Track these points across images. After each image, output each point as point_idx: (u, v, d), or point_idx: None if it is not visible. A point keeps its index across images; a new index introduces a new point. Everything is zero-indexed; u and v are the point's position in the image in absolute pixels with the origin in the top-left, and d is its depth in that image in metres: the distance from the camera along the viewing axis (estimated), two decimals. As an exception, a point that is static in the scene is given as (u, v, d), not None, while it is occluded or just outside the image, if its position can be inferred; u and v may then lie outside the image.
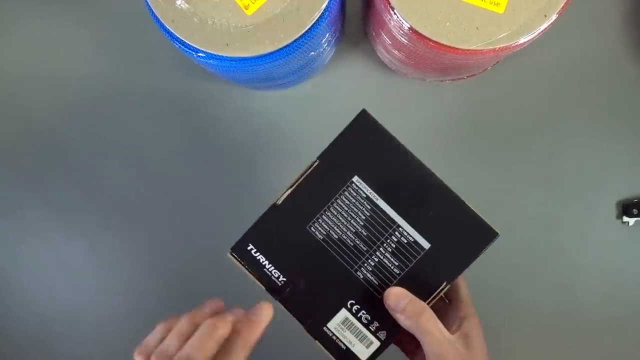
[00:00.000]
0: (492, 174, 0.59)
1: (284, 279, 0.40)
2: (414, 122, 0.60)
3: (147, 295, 0.60)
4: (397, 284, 0.40)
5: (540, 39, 0.45)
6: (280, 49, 0.44)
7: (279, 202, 0.40)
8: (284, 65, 0.48)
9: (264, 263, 0.40)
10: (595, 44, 0.59)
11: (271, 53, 0.44)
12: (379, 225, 0.40)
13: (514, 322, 0.59)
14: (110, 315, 0.60)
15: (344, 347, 0.40)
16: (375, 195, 0.40)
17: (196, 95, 0.60)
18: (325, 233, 0.40)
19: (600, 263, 0.59)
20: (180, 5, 0.44)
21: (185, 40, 0.44)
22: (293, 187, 0.40)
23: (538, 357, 0.59)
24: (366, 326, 0.40)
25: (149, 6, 0.44)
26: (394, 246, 0.40)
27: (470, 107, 0.60)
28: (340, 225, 0.40)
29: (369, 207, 0.40)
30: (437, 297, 0.40)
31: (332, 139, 0.41)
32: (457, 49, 0.44)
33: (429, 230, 0.40)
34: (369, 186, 0.40)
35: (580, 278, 0.59)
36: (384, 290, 0.40)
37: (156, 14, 0.44)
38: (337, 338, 0.40)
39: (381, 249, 0.40)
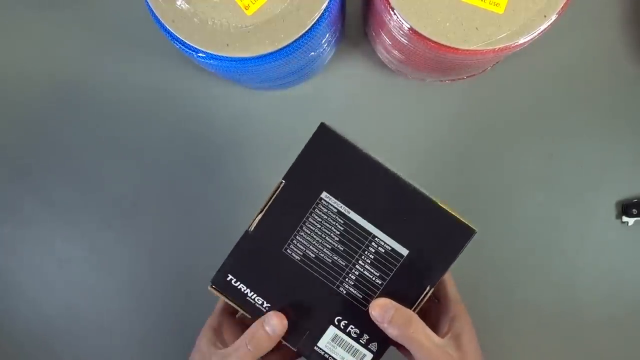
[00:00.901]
0: (491, 174, 0.59)
1: (268, 305, 0.40)
2: (414, 122, 0.60)
3: (147, 295, 0.60)
4: (380, 294, 0.40)
5: (540, 39, 0.45)
6: (280, 49, 0.44)
7: (251, 228, 0.40)
8: (284, 65, 0.48)
9: (245, 292, 0.40)
10: (595, 44, 0.59)
11: (271, 53, 0.44)
12: (354, 239, 0.39)
13: (514, 322, 0.59)
14: (110, 315, 0.60)
15: None
16: (347, 208, 0.39)
17: (196, 95, 0.60)
18: (301, 254, 0.40)
19: (600, 263, 0.59)
20: (180, 5, 0.44)
21: (186, 41, 0.44)
22: (263, 212, 0.40)
23: (538, 357, 0.59)
24: (356, 340, 0.40)
25: (149, 6, 0.44)
26: (372, 257, 0.39)
27: (470, 107, 0.60)
28: (316, 244, 0.40)
29: (341, 222, 0.39)
30: (423, 302, 0.40)
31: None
32: (457, 49, 0.44)
33: (405, 237, 0.39)
34: (339, 200, 0.39)
35: (580, 278, 0.59)
36: (368, 302, 0.39)
37: (156, 14, 0.44)
38: (330, 356, 0.40)
39: (360, 261, 0.39)
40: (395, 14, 0.44)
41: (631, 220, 0.58)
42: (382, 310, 0.38)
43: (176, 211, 0.60)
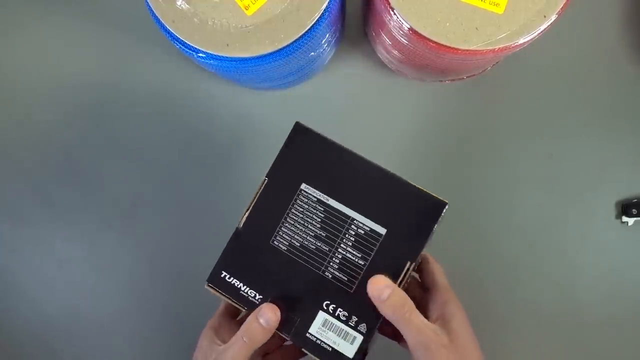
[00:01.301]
0: (491, 174, 0.59)
1: (261, 297, 0.42)
2: (414, 122, 0.60)
3: (147, 295, 0.60)
4: (364, 275, 0.41)
5: (540, 39, 0.45)
6: (280, 49, 0.44)
7: (240, 226, 0.42)
8: (284, 65, 0.48)
9: (239, 286, 0.42)
10: (595, 44, 0.59)
11: (271, 53, 0.44)
12: (334, 224, 0.42)
13: (514, 321, 0.59)
14: (110, 315, 0.60)
15: (330, 349, 0.41)
16: (325, 196, 0.42)
17: (196, 95, 0.60)
18: (288, 243, 0.42)
19: (600, 263, 0.59)
20: (180, 5, 0.44)
21: (186, 41, 0.44)
22: (249, 209, 0.42)
23: (538, 357, 0.59)
24: (346, 323, 0.41)
25: (149, 7, 0.45)
26: (353, 239, 0.41)
27: (470, 107, 0.60)
28: (300, 233, 0.42)
29: (322, 209, 0.42)
30: (406, 278, 0.41)
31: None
32: (456, 49, 0.44)
33: (382, 217, 0.41)
34: (317, 190, 0.42)
35: (580, 278, 0.59)
36: (354, 284, 0.41)
37: (156, 14, 0.44)
38: (322, 341, 0.41)
39: (342, 244, 0.41)
40: (395, 14, 0.44)
41: (631, 220, 0.58)
42: (379, 288, 0.39)
43: (176, 211, 0.60)
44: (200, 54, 0.45)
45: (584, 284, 0.59)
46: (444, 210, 0.41)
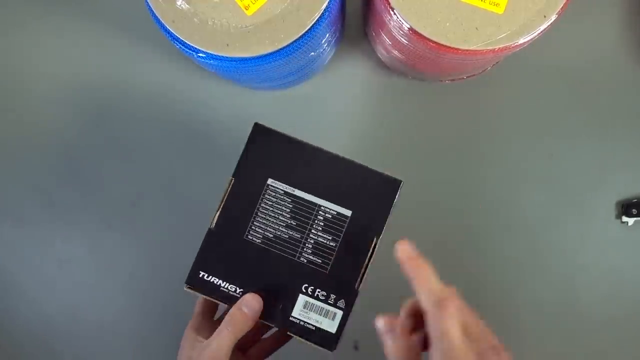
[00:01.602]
0: (491, 174, 0.59)
1: (242, 290, 0.44)
2: (414, 122, 0.60)
3: (147, 295, 0.60)
4: (337, 255, 0.44)
5: (540, 39, 0.45)
6: (280, 49, 0.44)
7: (212, 225, 0.45)
8: (284, 65, 0.48)
9: (218, 284, 0.44)
10: (595, 44, 0.59)
11: (271, 53, 0.44)
12: (303, 212, 0.44)
13: (514, 321, 0.59)
14: (110, 315, 0.60)
15: (314, 328, 0.44)
16: (291, 188, 0.45)
17: (196, 95, 0.60)
18: (261, 236, 0.44)
19: (600, 263, 0.59)
20: (180, 5, 0.44)
21: (186, 41, 0.44)
22: (220, 208, 0.45)
23: (538, 356, 0.59)
24: (325, 301, 0.44)
25: (149, 6, 0.45)
26: (322, 224, 0.44)
27: (470, 107, 0.60)
28: (272, 224, 0.44)
29: (289, 200, 0.44)
30: (374, 253, 0.44)
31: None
32: (456, 49, 0.44)
33: (346, 200, 0.45)
34: (283, 183, 0.45)
35: (580, 278, 0.59)
36: (328, 264, 0.44)
37: (156, 14, 0.44)
38: (305, 322, 0.44)
39: (313, 230, 0.44)
40: (395, 14, 0.44)
41: (631, 220, 0.58)
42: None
43: (176, 211, 0.60)
44: (200, 54, 0.45)
45: (584, 284, 0.59)
46: (400, 187, 0.45)
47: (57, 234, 0.60)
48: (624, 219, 0.58)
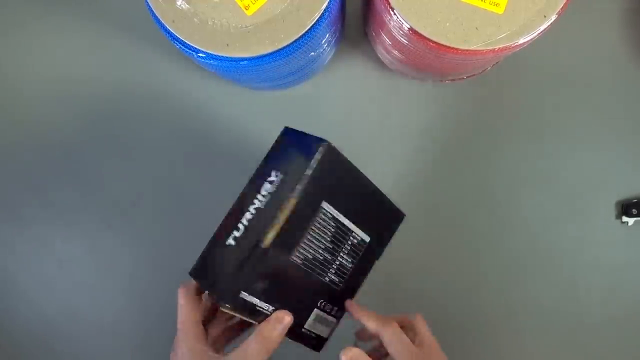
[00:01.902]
0: (491, 174, 0.59)
1: (273, 308, 0.43)
2: (414, 122, 0.60)
3: (147, 295, 0.60)
4: (350, 274, 0.46)
5: (540, 39, 0.45)
6: (280, 49, 0.44)
7: (267, 245, 0.40)
8: (284, 65, 0.48)
9: (256, 303, 0.42)
10: (595, 44, 0.59)
11: (271, 53, 0.44)
12: (339, 236, 0.45)
13: (514, 321, 0.59)
14: (110, 315, 0.60)
15: (314, 336, 0.46)
16: (337, 213, 0.44)
17: (196, 95, 0.60)
18: (303, 257, 0.43)
19: (600, 263, 0.59)
20: (180, 5, 0.44)
21: (186, 41, 0.44)
22: (280, 230, 0.41)
23: (538, 357, 0.59)
24: (329, 313, 0.46)
25: (149, 6, 0.44)
26: (349, 248, 0.46)
27: (470, 107, 0.60)
28: (313, 246, 0.43)
29: (333, 225, 0.44)
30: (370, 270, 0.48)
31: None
32: (456, 49, 0.44)
33: (367, 226, 0.46)
34: (334, 208, 0.44)
35: (580, 278, 0.59)
36: (342, 283, 0.46)
37: (156, 14, 0.44)
38: (312, 332, 0.45)
39: (341, 253, 0.45)
40: (395, 14, 0.44)
41: (631, 220, 0.58)
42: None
43: (176, 211, 0.60)
44: (200, 54, 0.45)
45: (584, 284, 0.59)
46: (402, 221, 0.48)
47: (57, 234, 0.60)
48: (624, 219, 0.58)
